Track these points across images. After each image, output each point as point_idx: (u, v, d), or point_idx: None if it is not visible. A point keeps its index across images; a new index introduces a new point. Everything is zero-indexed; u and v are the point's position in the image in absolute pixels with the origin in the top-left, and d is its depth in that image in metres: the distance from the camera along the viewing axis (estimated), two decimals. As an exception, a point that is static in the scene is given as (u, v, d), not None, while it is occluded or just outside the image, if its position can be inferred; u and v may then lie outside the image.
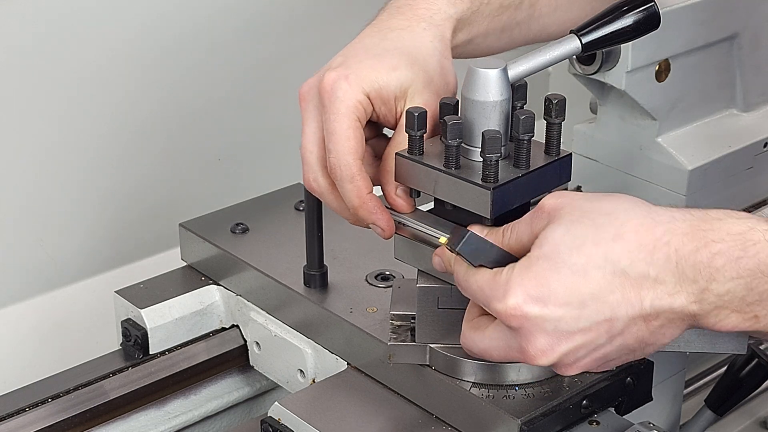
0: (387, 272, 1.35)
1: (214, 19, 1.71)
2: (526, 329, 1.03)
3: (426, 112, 1.13)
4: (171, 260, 1.51)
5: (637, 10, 1.16)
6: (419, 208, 1.18)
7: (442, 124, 1.12)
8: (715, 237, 1.01)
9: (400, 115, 1.15)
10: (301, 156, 1.17)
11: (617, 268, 1.01)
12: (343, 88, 1.13)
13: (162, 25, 1.67)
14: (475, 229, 1.09)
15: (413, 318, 1.20)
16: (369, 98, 1.14)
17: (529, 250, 1.04)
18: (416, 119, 1.12)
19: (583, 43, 1.15)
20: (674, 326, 1.03)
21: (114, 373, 1.37)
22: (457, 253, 1.06)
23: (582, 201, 1.05)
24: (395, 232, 1.18)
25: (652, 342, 1.04)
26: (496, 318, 1.05)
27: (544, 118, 1.14)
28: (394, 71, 1.14)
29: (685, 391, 1.57)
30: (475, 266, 1.06)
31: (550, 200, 1.06)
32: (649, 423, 1.16)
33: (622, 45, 1.37)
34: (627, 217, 1.03)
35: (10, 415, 1.30)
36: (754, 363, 1.53)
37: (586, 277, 1.01)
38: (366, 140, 1.16)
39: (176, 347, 1.41)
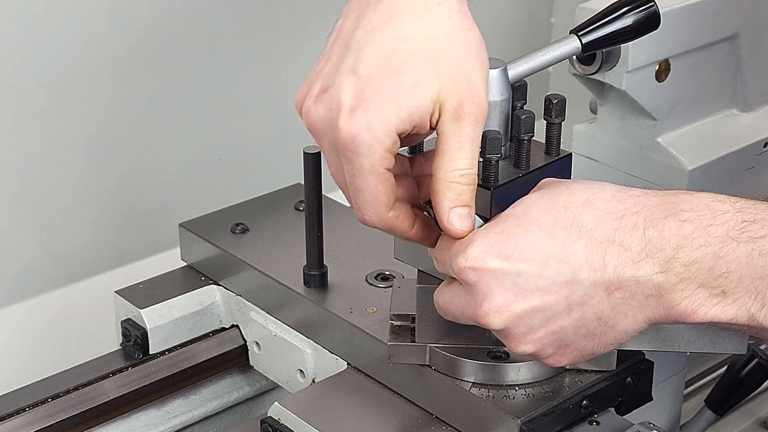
0: (387, 272, 1.35)
1: (214, 18, 1.71)
2: (483, 282, 1.01)
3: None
4: (171, 260, 1.51)
5: (637, 10, 1.16)
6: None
7: (443, 124, 1.12)
8: (685, 207, 1.00)
9: (435, 125, 1.02)
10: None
11: (583, 231, 1.00)
12: (366, 143, 0.98)
13: (162, 25, 1.67)
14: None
15: (413, 318, 1.20)
16: (398, 135, 1.00)
17: None
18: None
19: (583, 43, 1.15)
20: (637, 305, 1.00)
21: (114, 373, 1.37)
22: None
23: (567, 180, 1.05)
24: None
25: (612, 324, 1.01)
26: None
27: (544, 118, 1.14)
28: (418, 88, 1.00)
29: (685, 391, 1.57)
30: None
31: (545, 180, 1.07)
32: (649, 423, 1.16)
33: (622, 45, 1.37)
34: (601, 188, 1.03)
35: (10, 415, 1.30)
36: (754, 363, 1.53)
37: (552, 237, 1.00)
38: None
39: (176, 347, 1.41)
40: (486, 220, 1.10)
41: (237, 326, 1.43)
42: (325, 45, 1.07)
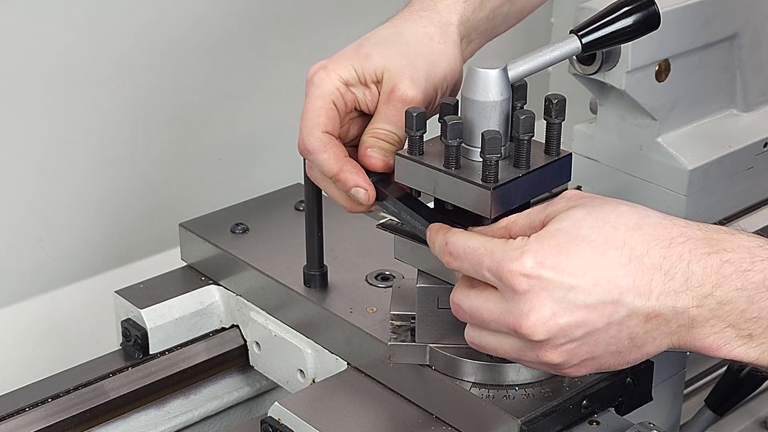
0: (387, 272, 1.35)
1: (214, 18, 1.71)
2: (534, 293, 1.02)
3: (425, 112, 1.13)
4: (171, 260, 1.51)
5: (637, 10, 1.16)
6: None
7: (442, 124, 1.12)
8: (727, 247, 1.03)
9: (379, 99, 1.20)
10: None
11: (634, 254, 1.02)
12: (319, 76, 1.19)
13: (162, 25, 1.67)
14: (476, 229, 1.09)
15: (413, 318, 1.20)
16: (347, 85, 1.19)
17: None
18: (415, 119, 1.12)
19: (583, 43, 1.15)
20: (668, 331, 1.03)
21: (114, 373, 1.37)
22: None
23: (605, 198, 1.07)
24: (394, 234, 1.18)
25: (640, 345, 1.04)
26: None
27: (544, 118, 1.14)
28: (368, 59, 1.19)
29: (685, 391, 1.57)
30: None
31: (571, 192, 1.08)
32: (649, 423, 1.16)
33: (622, 45, 1.37)
34: (647, 213, 1.05)
35: (10, 415, 1.30)
36: (754, 363, 1.53)
37: (604, 256, 1.02)
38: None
39: (176, 347, 1.41)
40: (486, 221, 1.11)
41: (237, 326, 1.43)
42: None
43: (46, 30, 1.57)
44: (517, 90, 1.16)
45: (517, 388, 1.16)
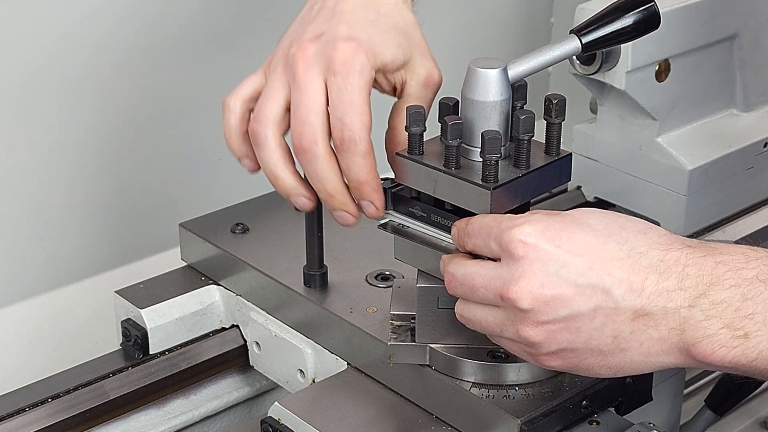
0: (387, 272, 1.35)
1: (214, 17, 1.71)
2: (528, 261, 1.03)
3: (425, 110, 1.13)
4: (171, 260, 1.51)
5: (637, 10, 1.16)
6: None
7: (442, 124, 1.12)
8: (722, 251, 1.04)
9: (402, 85, 1.19)
10: (298, 115, 1.15)
11: (633, 252, 1.03)
12: (361, 62, 1.13)
13: (162, 24, 1.67)
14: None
15: (413, 318, 1.20)
16: (379, 72, 1.16)
17: None
18: (414, 116, 1.12)
19: (583, 43, 1.15)
20: (657, 336, 1.02)
21: (114, 373, 1.37)
22: None
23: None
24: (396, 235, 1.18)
25: (624, 347, 1.03)
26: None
27: (544, 118, 1.14)
28: (399, 48, 1.16)
29: (685, 391, 1.57)
30: None
31: None
32: (649, 423, 1.16)
33: (622, 45, 1.37)
34: (655, 226, 1.07)
35: (10, 415, 1.30)
36: (754, 363, 1.53)
37: (604, 245, 1.03)
38: None
39: (176, 347, 1.41)
40: None
41: (237, 326, 1.43)
42: (302, 14, 1.22)
43: (46, 30, 1.57)
44: (517, 90, 1.16)
45: (517, 388, 1.16)
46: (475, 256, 1.10)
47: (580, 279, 1.02)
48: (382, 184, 1.18)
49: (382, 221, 1.21)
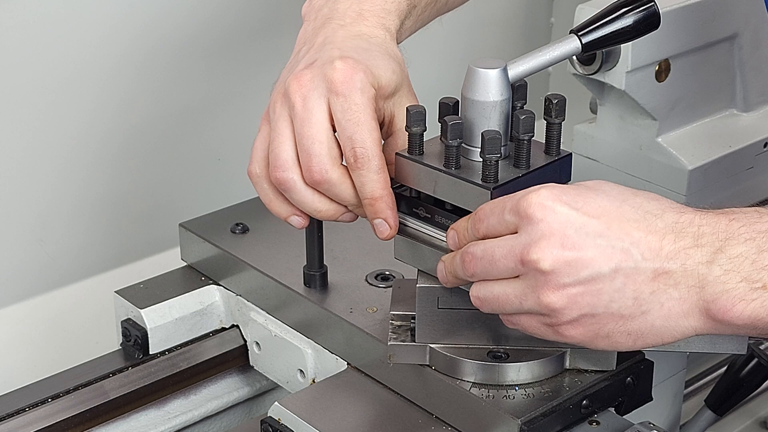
0: (387, 272, 1.35)
1: (215, 18, 1.71)
2: (547, 223, 1.03)
3: (425, 110, 1.13)
4: (171, 260, 1.51)
5: (637, 10, 1.16)
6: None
7: (442, 124, 1.12)
8: (735, 210, 1.05)
9: (391, 119, 1.18)
10: (303, 148, 1.14)
11: (648, 215, 1.04)
12: (362, 80, 1.13)
13: (163, 25, 1.67)
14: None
15: (413, 318, 1.20)
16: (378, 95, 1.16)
17: None
18: (415, 116, 1.12)
19: (583, 43, 1.15)
20: (678, 296, 1.02)
21: (114, 373, 1.37)
22: None
23: None
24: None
25: (645, 309, 1.03)
26: None
27: (544, 118, 1.14)
28: (394, 74, 1.16)
29: (685, 391, 1.57)
30: None
31: None
32: (649, 423, 1.16)
33: (622, 45, 1.37)
34: (663, 197, 1.08)
35: (10, 415, 1.30)
36: (754, 363, 1.53)
37: (620, 208, 1.04)
38: None
39: (176, 347, 1.41)
40: None
41: (237, 326, 1.43)
42: (290, 60, 1.21)
43: (46, 30, 1.57)
44: (517, 90, 1.16)
45: (517, 388, 1.16)
46: None
47: (599, 240, 1.03)
48: None
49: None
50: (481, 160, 1.10)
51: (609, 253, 1.03)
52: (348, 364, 1.29)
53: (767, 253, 1.01)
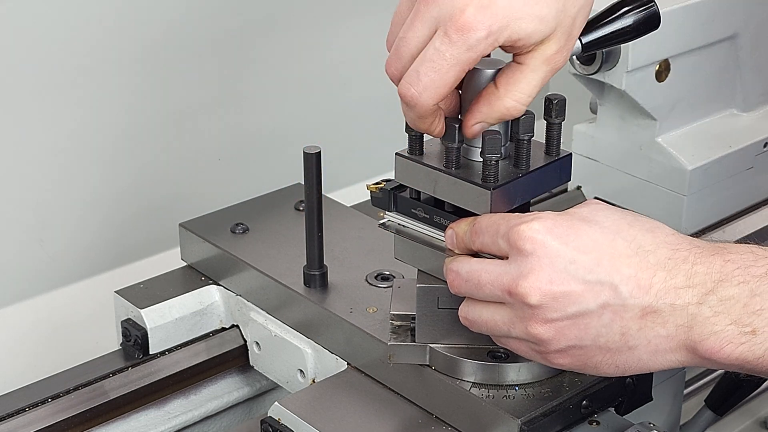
0: (387, 272, 1.35)
1: (214, 17, 1.71)
2: (536, 257, 1.03)
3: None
4: (171, 260, 1.51)
5: (637, 10, 1.16)
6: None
7: (442, 124, 1.12)
8: (731, 249, 1.04)
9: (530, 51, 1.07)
10: (393, 43, 1.07)
11: (641, 250, 1.03)
12: (477, 38, 1.02)
13: (163, 24, 1.67)
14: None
15: (413, 318, 1.20)
16: (501, 44, 1.05)
17: None
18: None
19: (583, 43, 1.15)
20: (665, 333, 1.02)
21: (114, 373, 1.37)
22: None
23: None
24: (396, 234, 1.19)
25: (632, 345, 1.04)
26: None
27: (544, 118, 1.14)
28: (542, 22, 1.04)
29: (685, 391, 1.57)
30: None
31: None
32: (649, 423, 1.16)
33: (622, 45, 1.37)
34: (663, 226, 1.07)
35: (10, 415, 1.30)
36: (754, 363, 1.53)
37: (612, 243, 1.04)
38: None
39: (176, 347, 1.41)
40: None
41: (237, 326, 1.43)
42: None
43: (46, 29, 1.56)
44: (518, 90, 1.16)
45: (517, 388, 1.16)
46: (476, 257, 1.10)
47: (588, 276, 1.03)
48: (383, 185, 1.18)
49: (382, 221, 1.21)
50: (481, 160, 1.10)
51: (597, 289, 1.03)
52: (348, 364, 1.29)
53: (759, 298, 1.01)
